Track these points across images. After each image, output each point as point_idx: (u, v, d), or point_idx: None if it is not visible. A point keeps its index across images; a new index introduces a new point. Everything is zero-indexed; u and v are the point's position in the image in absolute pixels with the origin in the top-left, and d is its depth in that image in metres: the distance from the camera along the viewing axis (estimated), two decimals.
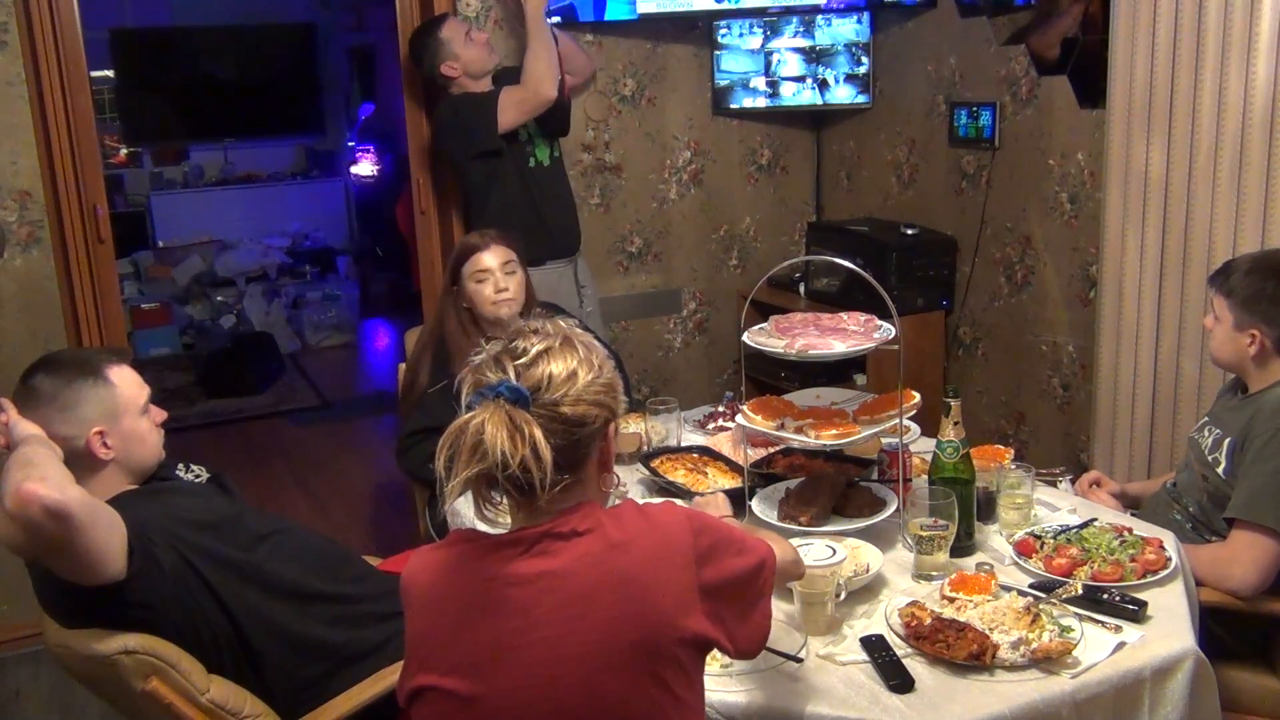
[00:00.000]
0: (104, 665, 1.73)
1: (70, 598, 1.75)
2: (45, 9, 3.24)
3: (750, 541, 1.49)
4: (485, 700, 1.33)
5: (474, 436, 1.28)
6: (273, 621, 1.91)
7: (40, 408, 1.83)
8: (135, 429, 1.92)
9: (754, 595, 1.45)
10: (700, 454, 2.54)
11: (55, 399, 1.84)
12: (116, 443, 1.88)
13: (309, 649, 1.95)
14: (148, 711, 1.80)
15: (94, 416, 1.86)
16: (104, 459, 1.87)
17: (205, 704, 1.78)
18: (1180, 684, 1.70)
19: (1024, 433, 3.57)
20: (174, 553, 1.81)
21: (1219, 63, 2.71)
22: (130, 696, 1.78)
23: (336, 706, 1.88)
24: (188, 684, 1.77)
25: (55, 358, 1.94)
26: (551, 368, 1.34)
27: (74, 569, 1.68)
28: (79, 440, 1.84)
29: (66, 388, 1.85)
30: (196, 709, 1.77)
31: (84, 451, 1.85)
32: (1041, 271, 3.43)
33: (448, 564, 1.40)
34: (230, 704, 1.82)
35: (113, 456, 1.88)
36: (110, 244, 3.48)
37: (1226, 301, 2.21)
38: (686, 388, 4.15)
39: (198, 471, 2.15)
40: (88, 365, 1.90)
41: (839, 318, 2.22)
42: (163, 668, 1.75)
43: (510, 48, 3.72)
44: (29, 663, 3.43)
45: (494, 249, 2.75)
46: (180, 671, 1.77)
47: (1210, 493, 2.22)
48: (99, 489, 1.82)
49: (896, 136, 3.95)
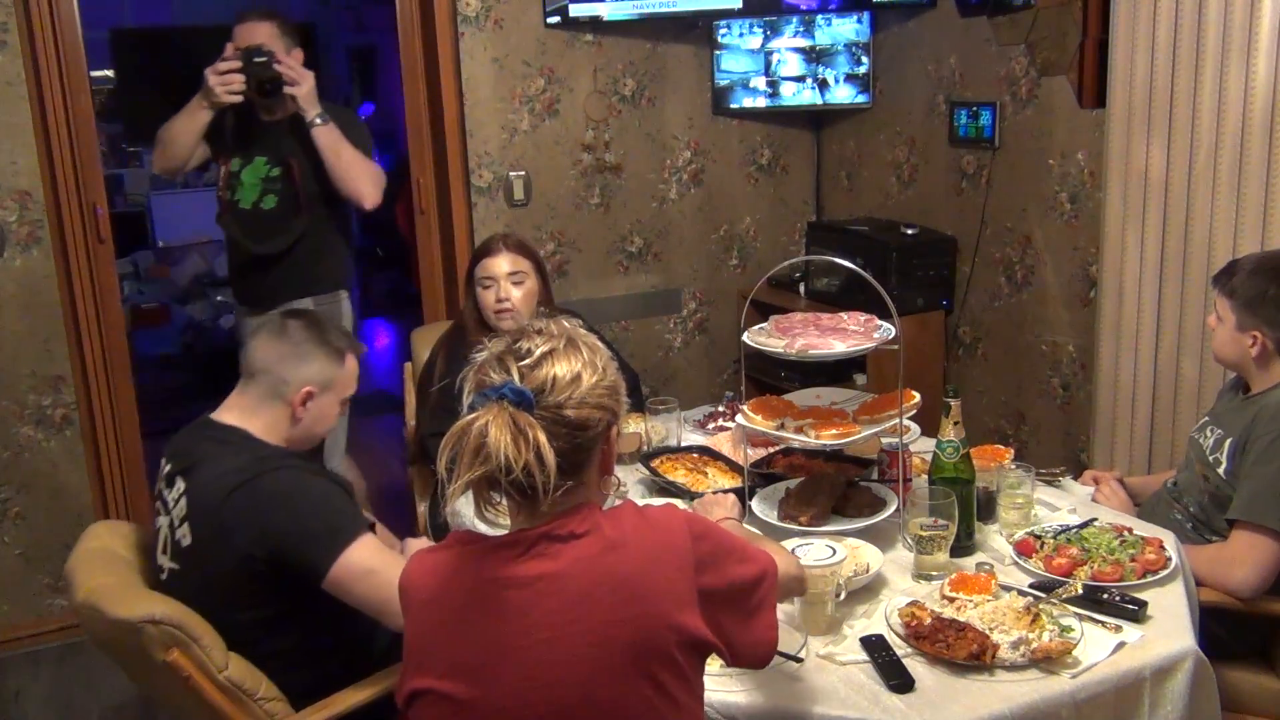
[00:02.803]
0: (129, 631, 1.75)
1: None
2: (45, 9, 3.24)
3: (752, 551, 1.47)
4: (483, 703, 1.32)
5: (477, 439, 1.27)
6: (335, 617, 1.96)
7: (281, 344, 2.03)
8: (330, 410, 2.10)
9: (753, 605, 1.44)
10: (700, 454, 2.54)
11: (298, 345, 2.03)
12: (313, 409, 2.05)
13: (347, 652, 2.01)
14: (164, 683, 1.82)
15: (315, 377, 2.03)
16: (298, 418, 2.04)
17: (223, 681, 1.80)
18: (1180, 684, 1.70)
19: (1024, 433, 3.57)
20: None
21: (1219, 63, 2.71)
22: (149, 666, 1.79)
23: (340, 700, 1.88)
24: (207, 659, 1.79)
25: (316, 317, 2.14)
26: (556, 370, 1.32)
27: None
28: (290, 389, 2.02)
29: (309, 343, 2.04)
30: (214, 685, 1.79)
31: (289, 400, 2.02)
32: (1041, 271, 3.43)
33: (446, 566, 1.39)
34: (247, 684, 1.83)
35: (303, 419, 2.04)
36: (110, 244, 3.48)
37: (1229, 302, 2.21)
38: (686, 388, 4.15)
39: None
40: (333, 340, 2.08)
41: (839, 318, 2.22)
42: (185, 640, 1.77)
43: (510, 47, 3.73)
44: (29, 663, 3.43)
45: (506, 255, 2.73)
46: (202, 646, 1.78)
47: (1211, 493, 2.22)
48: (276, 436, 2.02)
49: (896, 136, 3.95)
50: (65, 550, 3.46)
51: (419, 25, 3.75)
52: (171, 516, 1.97)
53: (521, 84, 3.77)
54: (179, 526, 1.94)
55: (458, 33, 3.66)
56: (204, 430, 2.03)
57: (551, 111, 3.84)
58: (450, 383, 2.59)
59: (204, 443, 2.00)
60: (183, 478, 1.97)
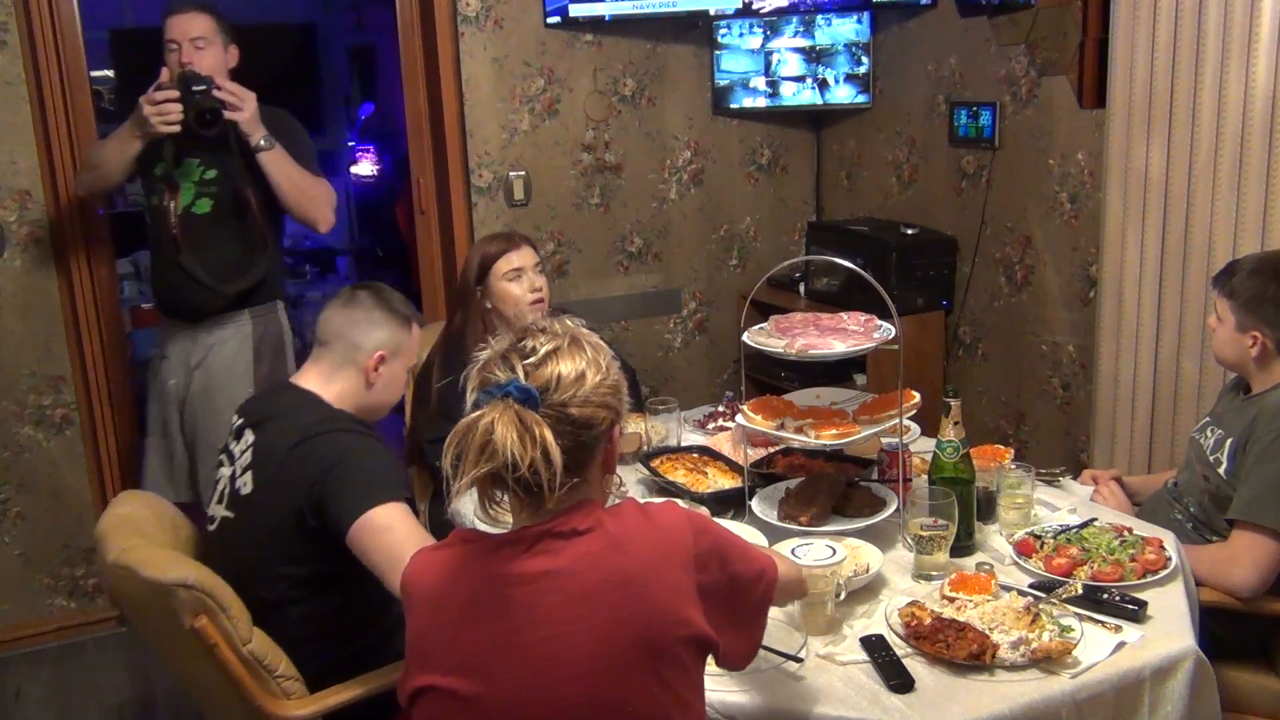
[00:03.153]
0: (160, 594, 1.78)
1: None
2: (45, 9, 3.24)
3: (753, 551, 1.48)
4: (486, 700, 1.33)
5: (483, 436, 1.27)
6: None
7: (354, 311, 2.11)
8: (399, 376, 2.17)
9: (751, 605, 1.44)
10: (700, 454, 2.54)
11: (369, 312, 2.11)
12: (385, 374, 2.12)
13: (369, 638, 2.05)
14: (186, 652, 1.84)
15: (386, 342, 2.11)
16: (371, 382, 2.11)
17: (245, 654, 1.82)
18: (1180, 684, 1.70)
19: (1024, 433, 3.57)
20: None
21: (1219, 63, 2.71)
22: (175, 632, 1.81)
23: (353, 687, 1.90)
24: (233, 630, 1.81)
25: (382, 286, 2.20)
26: (560, 368, 1.33)
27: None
28: (363, 354, 2.09)
29: (379, 310, 2.12)
30: (236, 657, 1.81)
31: (363, 366, 2.09)
32: (1041, 271, 3.43)
33: (449, 564, 1.40)
34: (268, 659, 1.85)
35: (375, 384, 2.11)
36: (110, 244, 3.48)
37: (1229, 303, 2.21)
38: (686, 388, 4.15)
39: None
40: (401, 308, 2.16)
41: (839, 318, 2.22)
42: (213, 609, 1.79)
43: (510, 47, 3.73)
44: (29, 663, 3.43)
45: (524, 249, 2.78)
46: (229, 616, 1.81)
47: (1212, 493, 2.22)
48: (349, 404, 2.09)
49: (896, 136, 3.95)
50: (65, 550, 3.51)
51: (419, 25, 3.75)
52: (235, 467, 2.05)
53: (521, 84, 3.77)
54: (240, 476, 2.03)
55: (458, 32, 3.66)
56: (280, 392, 2.17)
57: (551, 111, 3.84)
58: (447, 386, 2.60)
59: (279, 402, 2.11)
60: (253, 430, 2.06)
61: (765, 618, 1.47)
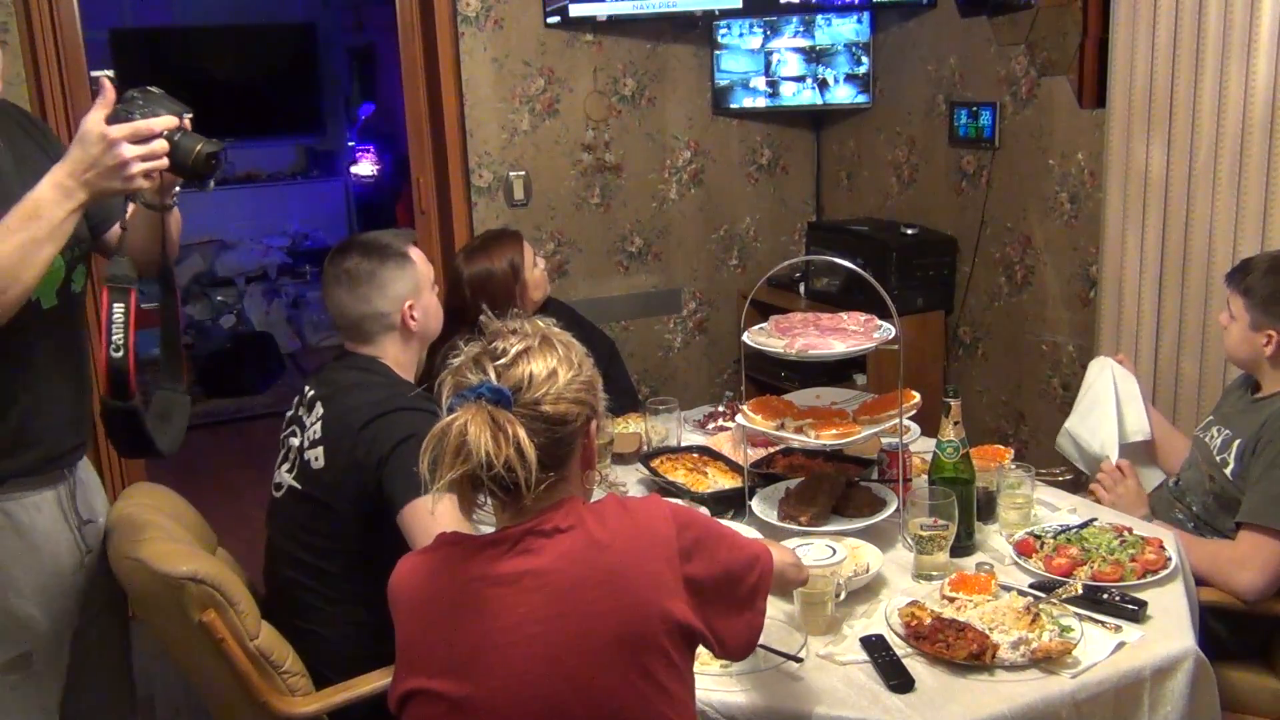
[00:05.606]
0: (169, 587, 1.78)
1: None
2: (45, 9, 3.24)
3: (743, 540, 1.49)
4: (474, 700, 1.33)
5: (457, 438, 1.29)
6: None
7: (360, 287, 2.06)
8: (431, 302, 2.15)
9: (744, 593, 1.44)
10: (700, 454, 2.54)
11: (373, 277, 2.06)
12: (420, 314, 2.11)
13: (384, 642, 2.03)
14: (194, 646, 1.84)
15: (405, 291, 2.08)
16: (414, 330, 2.10)
17: (252, 649, 1.82)
18: (1180, 684, 1.70)
19: (1024, 433, 3.57)
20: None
21: (1219, 63, 2.71)
22: (183, 627, 1.81)
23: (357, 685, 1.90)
24: (241, 625, 1.81)
25: (359, 241, 2.13)
26: (532, 367, 1.34)
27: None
28: (395, 315, 2.08)
29: (381, 267, 2.07)
30: (243, 652, 1.81)
31: (400, 325, 2.09)
32: (1041, 271, 3.43)
33: (433, 567, 1.41)
34: (274, 655, 1.86)
35: (416, 327, 2.10)
36: None
37: (1243, 301, 2.20)
38: (686, 388, 4.16)
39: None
40: (391, 248, 2.10)
41: (839, 318, 2.22)
42: (222, 603, 1.79)
43: (510, 47, 3.73)
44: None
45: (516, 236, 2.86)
46: (237, 611, 1.81)
47: (1216, 493, 2.21)
48: (409, 359, 2.10)
49: (896, 136, 3.95)
50: None
51: (419, 25, 3.75)
52: (305, 438, 2.06)
53: (521, 84, 3.78)
54: (310, 448, 2.04)
55: (458, 32, 3.66)
56: (346, 361, 2.14)
57: (551, 111, 3.84)
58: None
59: (347, 373, 2.10)
60: (322, 404, 2.06)
61: (764, 604, 1.47)
